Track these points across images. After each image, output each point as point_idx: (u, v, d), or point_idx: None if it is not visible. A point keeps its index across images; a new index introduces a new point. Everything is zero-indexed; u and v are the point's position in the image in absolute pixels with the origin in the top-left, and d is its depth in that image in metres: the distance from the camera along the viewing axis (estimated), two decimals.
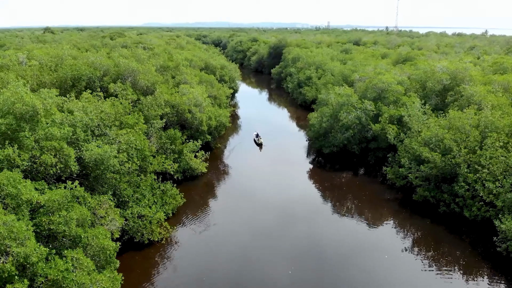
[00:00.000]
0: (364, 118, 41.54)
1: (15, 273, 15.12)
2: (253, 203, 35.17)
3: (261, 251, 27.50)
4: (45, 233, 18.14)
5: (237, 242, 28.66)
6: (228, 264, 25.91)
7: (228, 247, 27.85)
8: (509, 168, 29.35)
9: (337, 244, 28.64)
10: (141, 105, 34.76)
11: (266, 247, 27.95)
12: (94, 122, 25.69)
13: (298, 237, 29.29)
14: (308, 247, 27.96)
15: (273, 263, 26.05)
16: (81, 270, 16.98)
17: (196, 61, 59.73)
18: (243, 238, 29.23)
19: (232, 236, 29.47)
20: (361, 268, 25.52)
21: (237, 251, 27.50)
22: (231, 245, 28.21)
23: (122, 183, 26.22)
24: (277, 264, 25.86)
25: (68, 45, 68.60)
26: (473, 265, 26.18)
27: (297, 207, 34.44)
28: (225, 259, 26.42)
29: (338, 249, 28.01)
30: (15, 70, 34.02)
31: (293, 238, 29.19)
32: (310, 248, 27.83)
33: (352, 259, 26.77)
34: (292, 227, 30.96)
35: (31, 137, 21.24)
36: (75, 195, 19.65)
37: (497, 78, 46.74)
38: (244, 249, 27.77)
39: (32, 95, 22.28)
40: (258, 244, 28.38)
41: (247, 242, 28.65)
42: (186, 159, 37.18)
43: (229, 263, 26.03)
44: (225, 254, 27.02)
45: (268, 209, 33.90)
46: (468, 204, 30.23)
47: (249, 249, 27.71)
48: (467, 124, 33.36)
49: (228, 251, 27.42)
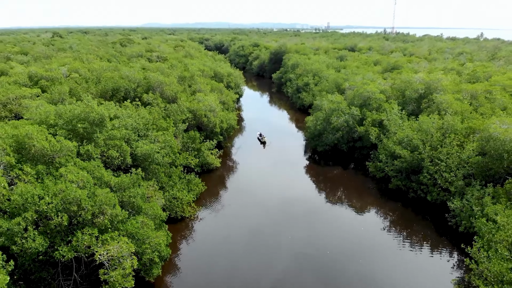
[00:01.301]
0: (351, 121, 49.60)
1: (108, 226, 23.10)
2: (259, 190, 43.27)
3: (266, 223, 35.62)
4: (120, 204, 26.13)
5: (246, 217, 36.81)
6: (240, 233, 34.03)
7: (239, 221, 36.01)
8: (461, 162, 37.37)
9: (328, 219, 36.75)
10: (168, 111, 42.76)
11: (270, 220, 36.09)
12: (140, 125, 33.71)
13: (295, 214, 37.37)
14: (303, 221, 36.03)
15: (276, 231, 34.13)
16: (147, 228, 24.96)
17: (207, 71, 67.76)
18: (251, 215, 37.36)
19: (242, 213, 37.63)
20: (346, 239, 33.62)
21: (246, 224, 35.64)
22: (242, 219, 36.40)
23: (161, 172, 34.22)
24: (279, 232, 33.94)
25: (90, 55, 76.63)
26: (432, 236, 34.29)
27: (295, 194, 42.53)
28: (237, 230, 34.57)
29: (329, 222, 36.10)
30: (67, 83, 41.99)
31: (291, 215, 37.27)
32: (305, 222, 35.90)
33: (341, 232, 34.87)
34: (290, 207, 39.02)
35: (101, 137, 29.26)
36: (138, 178, 27.66)
37: (466, 87, 54.81)
38: (252, 222, 35.89)
39: (101, 107, 30.29)
40: (263, 218, 36.54)
41: (254, 217, 36.80)
42: (204, 156, 45.21)
43: (241, 233, 34.17)
44: (238, 226, 35.16)
45: (271, 195, 41.98)
46: (430, 190, 38.29)
47: (256, 222, 35.84)
48: (432, 127, 41.40)
49: (240, 224, 35.58)
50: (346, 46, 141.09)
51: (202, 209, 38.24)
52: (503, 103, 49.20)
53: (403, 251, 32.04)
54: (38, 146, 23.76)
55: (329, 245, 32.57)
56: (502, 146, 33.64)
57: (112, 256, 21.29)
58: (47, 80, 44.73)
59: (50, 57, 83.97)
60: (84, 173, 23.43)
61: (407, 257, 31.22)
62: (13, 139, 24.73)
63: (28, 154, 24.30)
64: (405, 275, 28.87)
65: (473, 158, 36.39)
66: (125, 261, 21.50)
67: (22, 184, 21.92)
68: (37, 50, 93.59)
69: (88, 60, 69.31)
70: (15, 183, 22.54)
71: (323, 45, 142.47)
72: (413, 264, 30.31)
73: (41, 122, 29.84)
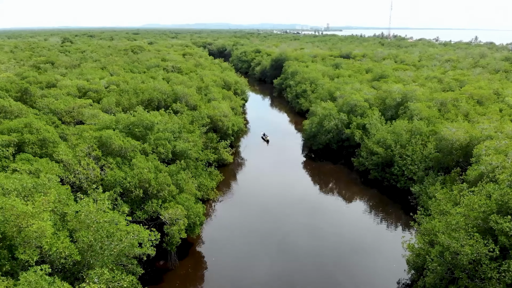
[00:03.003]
0: (340, 125, 60.32)
1: (168, 198, 33.66)
2: (264, 180, 54.08)
3: (271, 202, 46.53)
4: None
5: (257, 198, 47.81)
6: (251, 209, 44.89)
7: (250, 201, 47.00)
8: (423, 157, 48.03)
9: (321, 204, 47.49)
10: (193, 117, 53.43)
11: (274, 200, 47.00)
12: (176, 129, 44.40)
13: (294, 197, 48.11)
14: (301, 202, 46.78)
15: (278, 207, 44.87)
16: (190, 201, 35.55)
17: (219, 81, 78.51)
18: (259, 197, 48.18)
19: (253, 196, 48.54)
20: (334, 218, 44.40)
21: (256, 202, 46.61)
22: (252, 200, 47.47)
23: (191, 165, 44.88)
24: (281, 207, 44.69)
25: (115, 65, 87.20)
26: (399, 213, 45.10)
27: (294, 183, 53.33)
28: (249, 206, 45.52)
29: (322, 206, 46.84)
30: (113, 95, 52.67)
31: (290, 197, 48.03)
32: (302, 203, 46.64)
33: (330, 213, 45.62)
34: (290, 192, 49.79)
35: (152, 138, 39.92)
36: (181, 168, 38.33)
37: (438, 95, 65.51)
38: (260, 201, 46.77)
39: (150, 115, 41.01)
40: (269, 199, 47.45)
41: (263, 199, 47.67)
42: (220, 153, 55.86)
43: (252, 208, 45.08)
44: (249, 204, 46.07)
45: (274, 183, 52.76)
46: (399, 179, 48.98)
47: (263, 202, 46.75)
48: (402, 129, 52.09)
49: (251, 202, 46.66)
50: (341, 53, 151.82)
51: (221, 194, 49.00)
52: (466, 110, 59.93)
53: (379, 225, 42.89)
54: (116, 144, 34.42)
55: (322, 216, 43.29)
56: (451, 145, 44.31)
57: (171, 217, 31.94)
58: (93, 92, 55.42)
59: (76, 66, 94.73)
60: (149, 163, 34.09)
61: (382, 228, 42.21)
62: (96, 139, 35.38)
63: (107, 150, 34.94)
64: (378, 239, 39.66)
65: (432, 154, 47.06)
66: (180, 221, 32.13)
67: (108, 170, 32.61)
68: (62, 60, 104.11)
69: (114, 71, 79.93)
70: (104, 169, 33.22)
71: (320, 52, 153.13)
72: (385, 232, 41.15)
73: (105, 127, 40.43)
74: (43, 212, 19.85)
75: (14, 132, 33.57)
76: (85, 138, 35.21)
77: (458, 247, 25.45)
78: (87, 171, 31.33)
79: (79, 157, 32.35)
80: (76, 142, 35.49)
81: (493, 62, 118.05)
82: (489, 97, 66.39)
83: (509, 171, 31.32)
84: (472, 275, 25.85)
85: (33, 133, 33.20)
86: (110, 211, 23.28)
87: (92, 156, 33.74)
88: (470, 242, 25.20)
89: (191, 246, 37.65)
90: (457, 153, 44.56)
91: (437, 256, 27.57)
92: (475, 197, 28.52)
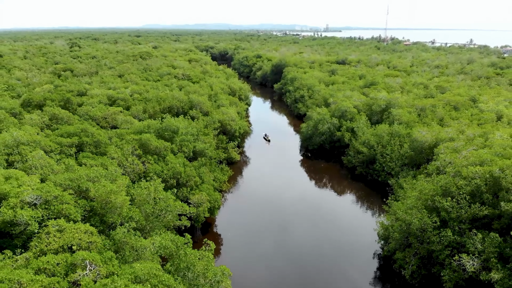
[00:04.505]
0: (332, 128, 70.05)
1: (194, 187, 43.26)
2: (267, 175, 63.75)
3: (273, 192, 56.17)
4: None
5: (261, 189, 57.39)
6: (257, 198, 54.51)
7: (256, 192, 56.63)
8: (400, 156, 57.66)
9: (315, 194, 57.20)
10: (206, 122, 63.06)
11: (275, 191, 56.63)
12: (195, 132, 54.02)
13: (293, 189, 57.75)
14: (298, 192, 56.43)
15: (279, 196, 54.53)
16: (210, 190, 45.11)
17: (225, 88, 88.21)
18: (264, 188, 57.84)
19: (258, 188, 58.23)
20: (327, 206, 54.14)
21: (261, 192, 56.26)
22: (258, 191, 57.11)
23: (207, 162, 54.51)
24: (282, 196, 54.34)
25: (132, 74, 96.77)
26: (381, 203, 54.76)
27: (292, 178, 62.99)
28: (255, 195, 55.16)
29: (317, 196, 56.56)
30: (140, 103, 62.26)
31: (290, 189, 57.65)
32: (301, 195, 56.29)
33: (323, 202, 55.35)
34: (289, 186, 59.44)
35: (178, 140, 49.52)
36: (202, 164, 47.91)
37: (418, 102, 75.17)
38: (264, 192, 56.44)
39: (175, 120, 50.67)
40: (272, 190, 57.12)
41: (267, 189, 57.40)
42: (229, 152, 65.47)
43: (258, 197, 54.74)
44: (255, 194, 55.69)
45: (275, 178, 62.43)
46: (380, 174, 58.64)
47: (266, 192, 56.41)
48: (383, 132, 61.75)
49: (256, 193, 56.33)
50: (338, 59, 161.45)
51: (232, 186, 58.66)
52: (441, 115, 69.58)
53: (363, 211, 52.62)
54: (153, 145, 44.03)
55: (317, 204, 52.99)
56: (421, 145, 53.94)
57: (197, 201, 41.55)
58: (121, 100, 65.01)
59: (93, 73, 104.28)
60: (178, 159, 43.73)
61: (365, 213, 51.96)
62: (136, 141, 44.95)
63: (146, 149, 44.53)
64: (361, 221, 49.43)
65: (408, 153, 56.69)
66: (204, 204, 41.73)
67: (149, 165, 42.24)
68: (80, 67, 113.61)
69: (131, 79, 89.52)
70: (145, 164, 42.83)
71: (318, 58, 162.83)
72: (367, 216, 50.92)
73: (139, 131, 49.94)
74: (122, 191, 29.44)
75: (73, 136, 43.18)
76: (128, 140, 44.83)
77: (410, 219, 35.14)
78: (133, 166, 40.97)
79: (126, 155, 41.97)
80: (120, 144, 45.09)
81: (477, 69, 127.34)
82: (464, 103, 75.94)
83: (455, 166, 40.99)
84: (421, 240, 35.50)
85: (89, 136, 42.85)
86: (163, 191, 32.89)
87: (135, 154, 43.35)
88: (419, 215, 34.89)
89: (210, 226, 47.32)
90: (426, 152, 54.22)
91: (398, 228, 37.25)
92: (426, 184, 38.20)
